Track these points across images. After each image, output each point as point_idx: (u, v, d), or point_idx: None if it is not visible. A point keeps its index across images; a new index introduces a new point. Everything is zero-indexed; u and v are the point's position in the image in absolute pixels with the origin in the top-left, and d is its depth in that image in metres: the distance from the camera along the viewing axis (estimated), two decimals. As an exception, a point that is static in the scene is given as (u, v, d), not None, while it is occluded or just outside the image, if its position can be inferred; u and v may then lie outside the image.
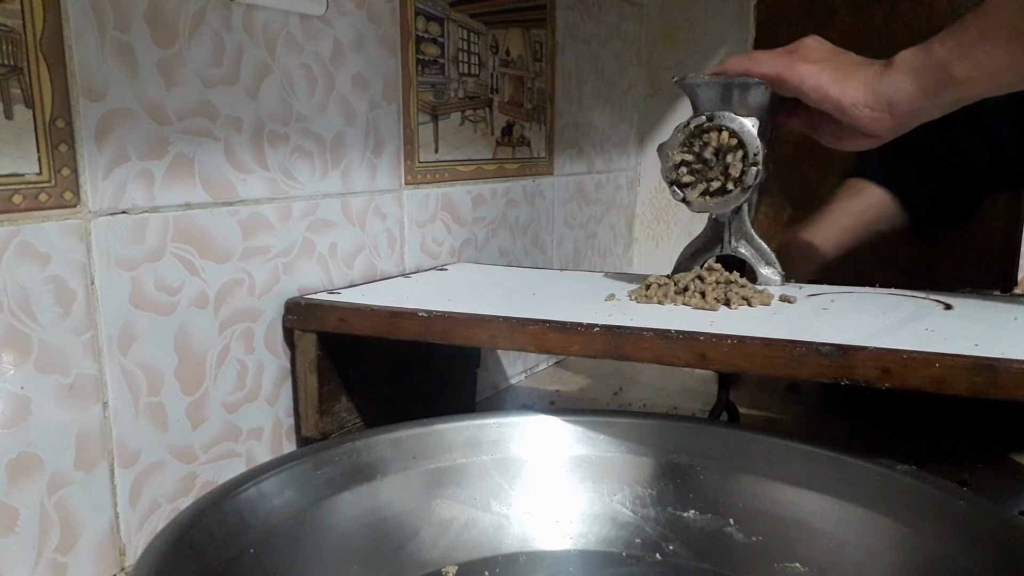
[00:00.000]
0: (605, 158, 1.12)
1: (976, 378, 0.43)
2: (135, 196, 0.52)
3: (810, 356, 0.47)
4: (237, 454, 0.61)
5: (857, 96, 0.58)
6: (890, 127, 0.59)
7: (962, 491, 0.47)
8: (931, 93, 0.55)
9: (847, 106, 0.58)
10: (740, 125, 0.62)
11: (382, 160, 0.72)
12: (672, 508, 0.55)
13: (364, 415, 0.66)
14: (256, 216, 0.60)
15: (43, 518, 0.48)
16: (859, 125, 0.59)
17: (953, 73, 0.53)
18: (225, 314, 0.58)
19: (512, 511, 0.56)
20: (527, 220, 0.94)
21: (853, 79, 0.58)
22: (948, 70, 0.54)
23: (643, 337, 0.51)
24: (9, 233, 0.45)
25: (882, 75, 0.57)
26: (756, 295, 0.59)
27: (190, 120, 0.55)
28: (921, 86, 0.55)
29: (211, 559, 0.42)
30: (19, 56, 0.45)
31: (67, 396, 0.49)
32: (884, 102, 0.57)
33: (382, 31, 0.70)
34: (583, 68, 1.04)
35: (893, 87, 0.56)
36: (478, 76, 0.84)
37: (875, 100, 0.57)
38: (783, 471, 0.53)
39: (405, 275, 0.74)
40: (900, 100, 0.57)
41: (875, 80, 0.57)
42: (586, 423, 0.58)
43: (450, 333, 0.56)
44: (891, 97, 0.57)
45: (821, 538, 0.50)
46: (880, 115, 0.58)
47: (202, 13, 0.55)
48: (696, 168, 0.64)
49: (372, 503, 0.52)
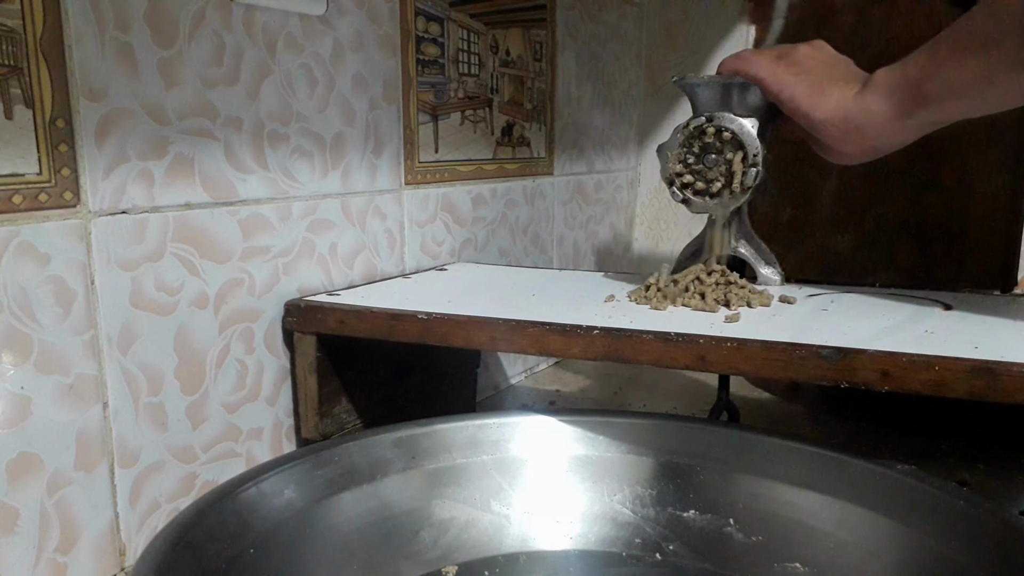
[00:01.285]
0: (605, 158, 1.12)
1: (976, 381, 0.43)
2: (135, 196, 0.52)
3: (810, 359, 0.47)
4: (237, 454, 0.61)
5: (828, 113, 0.57)
6: (859, 149, 0.58)
7: (962, 491, 0.47)
8: (903, 113, 0.54)
9: (816, 123, 0.58)
10: (740, 126, 0.62)
11: (382, 160, 0.72)
12: (672, 508, 0.55)
13: (364, 416, 0.66)
14: (256, 216, 0.60)
15: (43, 518, 0.48)
16: (827, 143, 0.59)
17: (924, 91, 0.52)
18: (225, 314, 0.58)
19: (512, 511, 0.56)
20: (527, 220, 0.94)
21: (829, 96, 0.57)
22: (920, 88, 0.52)
23: (643, 339, 0.51)
24: (9, 233, 0.45)
25: (856, 95, 0.56)
26: (756, 296, 0.59)
27: (190, 120, 0.55)
28: (893, 106, 0.54)
29: (211, 559, 0.42)
30: (19, 56, 0.45)
31: (67, 396, 0.49)
32: (852, 124, 0.56)
33: (382, 31, 0.70)
34: (583, 68, 1.04)
35: (865, 108, 0.55)
36: (478, 76, 0.84)
37: (844, 119, 0.56)
38: (783, 471, 0.53)
39: (405, 275, 0.75)
40: (871, 122, 0.55)
41: (849, 100, 0.56)
42: (586, 423, 0.58)
43: (450, 335, 0.56)
44: (861, 119, 0.55)
45: (821, 538, 0.50)
46: (849, 136, 0.57)
47: (202, 13, 0.55)
48: (696, 168, 0.64)
49: (372, 503, 0.52)
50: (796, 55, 0.60)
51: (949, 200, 1.08)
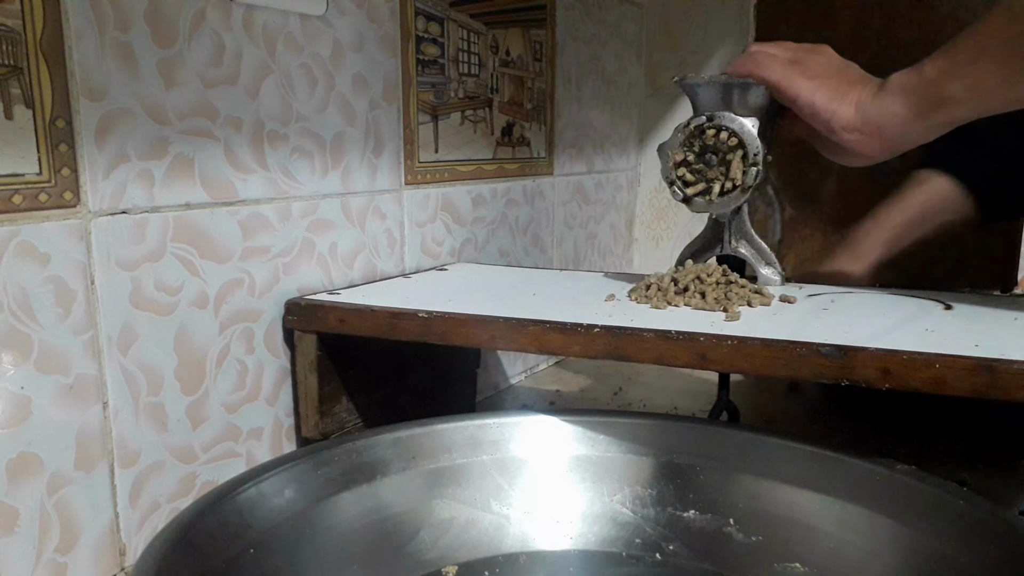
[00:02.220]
0: (605, 158, 1.12)
1: (976, 379, 0.43)
2: (135, 196, 0.52)
3: (810, 357, 0.47)
4: (237, 454, 0.61)
5: (847, 118, 0.58)
6: (878, 150, 0.59)
7: (962, 491, 0.47)
8: (922, 114, 0.55)
9: (836, 127, 0.58)
10: (740, 125, 0.62)
11: (382, 160, 0.72)
12: (672, 508, 0.55)
13: (364, 415, 0.66)
14: (256, 216, 0.60)
15: (43, 518, 0.48)
16: (846, 147, 0.59)
17: (944, 93, 0.53)
18: (225, 314, 0.58)
19: (512, 511, 0.56)
20: (527, 220, 0.94)
21: (846, 100, 0.58)
22: (940, 90, 0.53)
23: (643, 338, 0.51)
24: (9, 233, 0.45)
25: (874, 97, 0.57)
26: (756, 295, 0.59)
27: (190, 120, 0.55)
28: (912, 107, 0.55)
29: (211, 559, 0.42)
30: (19, 56, 0.45)
31: (67, 396, 0.49)
32: (874, 125, 0.57)
33: (382, 31, 0.70)
34: (583, 68, 1.04)
35: (883, 110, 0.56)
36: (478, 76, 0.84)
37: (864, 123, 0.57)
38: (783, 471, 0.53)
39: (405, 275, 0.74)
40: (890, 123, 0.56)
41: (867, 102, 0.57)
42: (586, 423, 0.58)
43: (450, 334, 0.56)
44: (881, 121, 0.57)
45: (821, 538, 0.50)
46: (868, 139, 0.58)
47: (202, 13, 0.55)
48: (696, 168, 0.64)
49: (372, 503, 0.52)
50: (809, 60, 0.61)
51: (949, 200, 1.07)
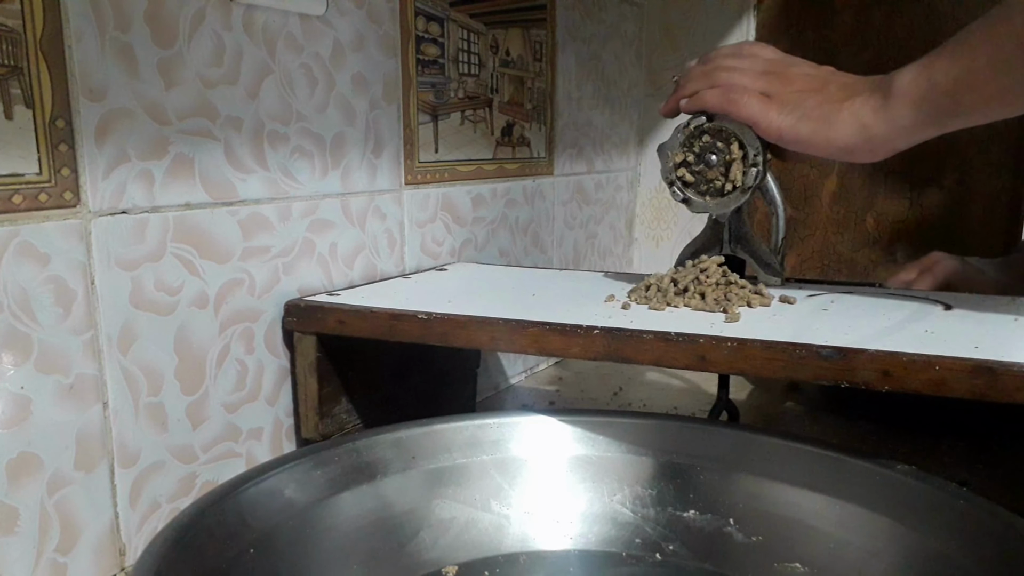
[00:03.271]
0: (605, 158, 1.12)
1: (976, 381, 0.43)
2: (135, 196, 0.52)
3: (810, 358, 0.47)
4: (237, 454, 0.61)
5: (843, 140, 0.55)
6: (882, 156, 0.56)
7: (962, 491, 0.47)
8: (934, 124, 0.52)
9: (833, 152, 0.56)
10: (740, 126, 0.62)
11: (382, 160, 0.72)
12: (672, 508, 0.55)
13: (364, 416, 0.66)
14: (256, 216, 0.60)
15: (43, 518, 0.48)
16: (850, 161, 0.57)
17: (961, 106, 0.50)
18: (225, 314, 0.58)
19: (512, 511, 0.56)
20: (527, 220, 0.94)
21: (840, 122, 0.55)
22: (956, 103, 0.50)
23: (643, 339, 0.51)
24: (9, 233, 0.45)
25: (878, 111, 0.54)
26: (756, 296, 0.59)
27: (190, 120, 0.55)
28: (924, 119, 0.52)
29: (211, 559, 0.42)
30: (19, 56, 0.45)
31: (67, 396, 0.49)
32: (881, 138, 0.54)
33: (382, 31, 0.70)
34: (583, 68, 1.04)
35: (892, 124, 0.53)
36: (478, 76, 0.83)
37: (868, 139, 0.54)
38: (783, 471, 0.53)
39: (405, 275, 0.74)
40: (900, 136, 0.53)
41: (870, 117, 0.54)
42: (586, 423, 0.58)
43: (450, 335, 0.56)
44: (888, 132, 0.53)
45: (821, 538, 0.50)
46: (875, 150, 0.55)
47: (202, 13, 0.55)
48: (696, 169, 0.64)
49: (372, 503, 0.52)
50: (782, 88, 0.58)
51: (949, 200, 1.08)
